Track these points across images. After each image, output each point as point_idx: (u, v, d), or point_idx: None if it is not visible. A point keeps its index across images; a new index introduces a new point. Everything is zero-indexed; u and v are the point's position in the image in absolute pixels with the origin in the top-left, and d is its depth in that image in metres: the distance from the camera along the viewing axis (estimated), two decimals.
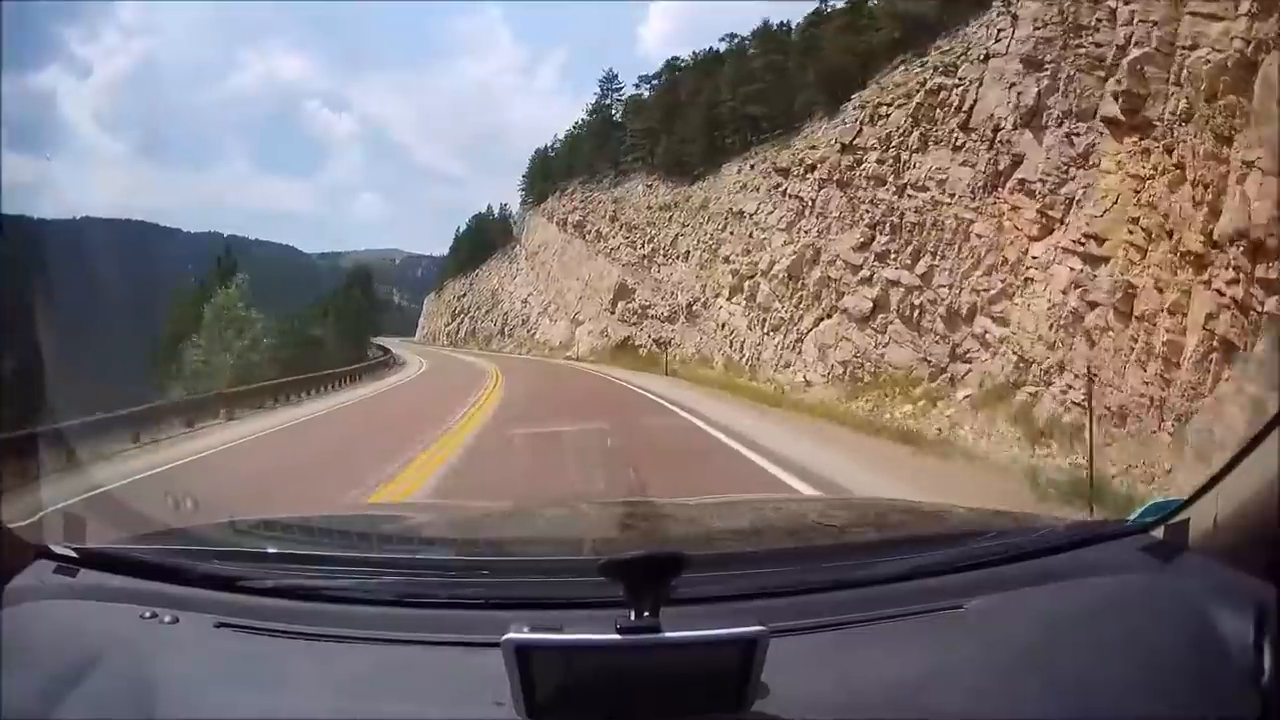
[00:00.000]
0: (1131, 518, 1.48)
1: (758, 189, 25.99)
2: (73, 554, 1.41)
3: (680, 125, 34.57)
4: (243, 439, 13.31)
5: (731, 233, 27.82)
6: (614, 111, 45.31)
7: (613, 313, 39.36)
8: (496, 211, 67.50)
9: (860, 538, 1.85)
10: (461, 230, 71.75)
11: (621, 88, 45.71)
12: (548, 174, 52.23)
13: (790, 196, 23.33)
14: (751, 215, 26.07)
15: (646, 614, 1.01)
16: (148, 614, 1.26)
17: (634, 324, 37.23)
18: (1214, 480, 1.30)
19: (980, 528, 1.76)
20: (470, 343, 60.29)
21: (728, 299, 27.67)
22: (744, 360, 25.59)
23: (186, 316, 31.79)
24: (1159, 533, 1.39)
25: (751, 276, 25.62)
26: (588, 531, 1.92)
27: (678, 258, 33.37)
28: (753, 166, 27.17)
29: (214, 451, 12.03)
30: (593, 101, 47.47)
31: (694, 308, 31.15)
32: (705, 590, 1.25)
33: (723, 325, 28.03)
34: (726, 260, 27.85)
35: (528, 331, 51.89)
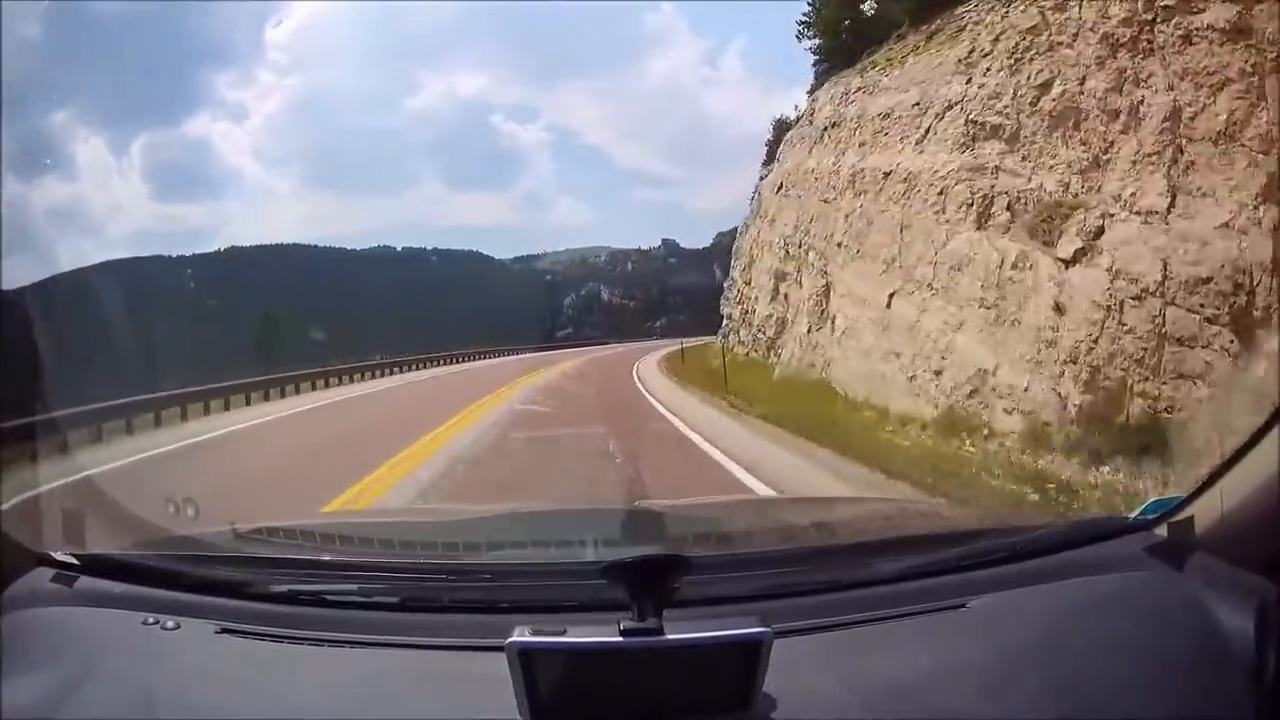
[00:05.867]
0: (1133, 515, 1.46)
1: None
2: (72, 560, 1.41)
3: None
4: None
5: None
6: None
7: None
8: None
9: (862, 538, 1.84)
10: None
11: None
12: None
13: None
14: None
15: (650, 616, 1.01)
16: (149, 620, 1.27)
17: None
18: (1215, 477, 1.29)
19: (982, 526, 1.76)
20: None
21: None
22: None
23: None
24: (1161, 530, 1.38)
25: None
26: (590, 534, 1.92)
27: None
28: None
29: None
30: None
31: None
32: (708, 592, 1.24)
33: None
34: None
35: None
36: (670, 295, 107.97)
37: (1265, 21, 6.70)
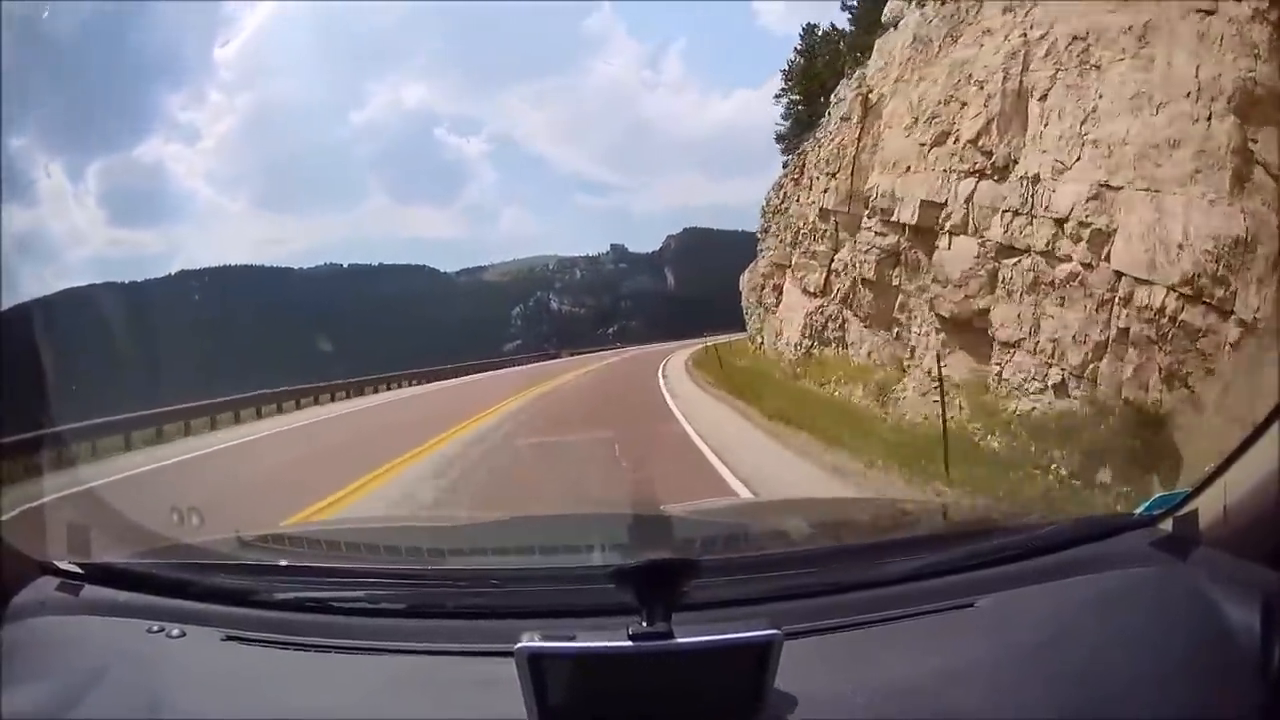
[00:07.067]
0: (1138, 511, 1.46)
1: None
2: (77, 569, 1.42)
3: None
4: None
5: None
6: None
7: None
8: None
9: (870, 538, 1.84)
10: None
11: None
12: None
13: None
14: None
15: (659, 620, 1.01)
16: (154, 628, 1.27)
17: None
18: (1218, 472, 1.29)
19: (988, 525, 1.82)
20: None
21: None
22: None
23: None
24: (1166, 525, 1.38)
25: None
26: (597, 539, 1.87)
27: None
28: None
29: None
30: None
31: None
32: (717, 595, 1.25)
33: None
34: None
35: None
36: (622, 301, 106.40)
37: None
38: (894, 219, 11.89)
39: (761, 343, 22.89)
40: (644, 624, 1.00)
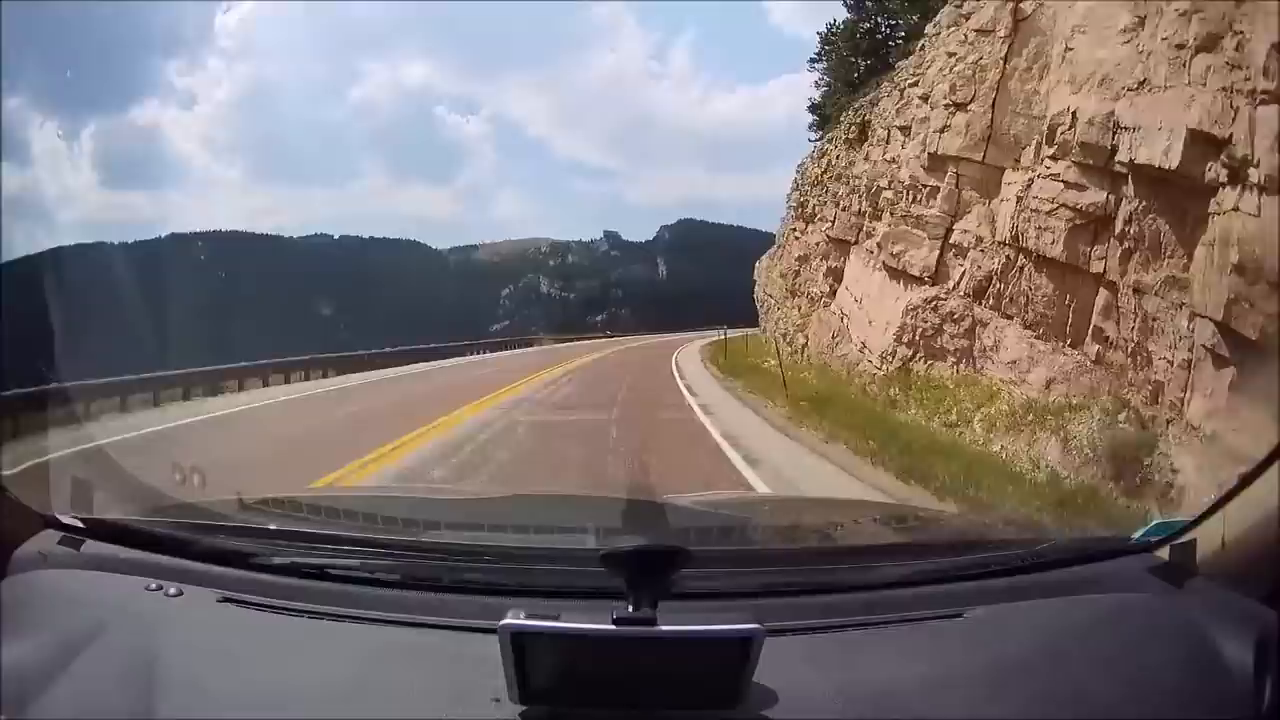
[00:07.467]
0: (1136, 536, 1.45)
1: None
2: (79, 524, 1.42)
3: None
4: None
5: None
6: None
7: None
8: None
9: (861, 541, 1.83)
10: None
11: None
12: None
13: None
14: None
15: (644, 606, 1.01)
16: (152, 586, 1.28)
17: None
18: (1220, 503, 1.28)
19: (983, 537, 1.80)
20: None
21: None
22: None
23: None
24: (1163, 552, 1.36)
25: None
26: (590, 522, 1.86)
27: None
28: None
29: None
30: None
31: None
32: (704, 586, 1.25)
33: None
34: None
35: None
36: (613, 288, 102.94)
37: None
38: (1114, 161, 7.12)
39: (805, 344, 17.93)
40: (629, 609, 1.00)
